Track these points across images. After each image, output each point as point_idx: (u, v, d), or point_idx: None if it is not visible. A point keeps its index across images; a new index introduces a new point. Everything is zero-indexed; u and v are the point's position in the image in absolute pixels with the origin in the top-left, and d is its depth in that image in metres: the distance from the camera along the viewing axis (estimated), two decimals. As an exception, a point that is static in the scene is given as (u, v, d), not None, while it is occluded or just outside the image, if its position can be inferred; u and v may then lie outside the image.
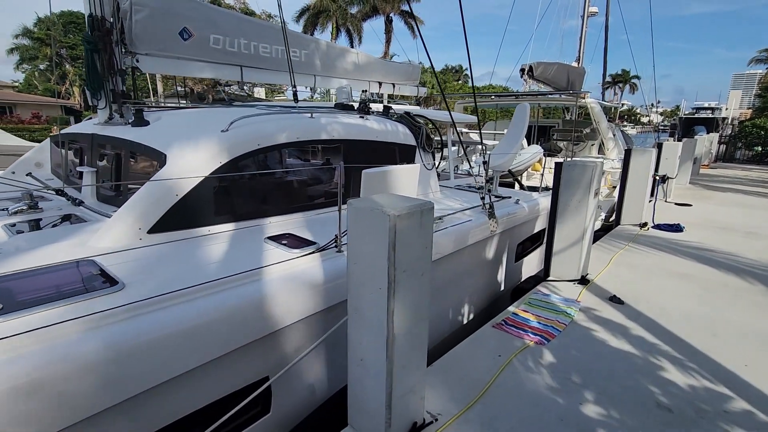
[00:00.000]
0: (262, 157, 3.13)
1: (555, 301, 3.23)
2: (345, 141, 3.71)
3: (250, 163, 3.06)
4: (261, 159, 3.14)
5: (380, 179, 2.67)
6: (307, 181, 3.41)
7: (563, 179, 3.56)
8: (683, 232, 5.40)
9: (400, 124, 4.27)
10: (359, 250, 1.64)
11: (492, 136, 11.56)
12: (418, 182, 4.32)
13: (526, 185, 9.01)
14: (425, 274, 1.70)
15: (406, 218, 1.53)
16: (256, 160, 3.10)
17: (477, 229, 3.70)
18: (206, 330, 1.87)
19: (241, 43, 4.68)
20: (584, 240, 3.53)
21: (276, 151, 3.22)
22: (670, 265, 4.16)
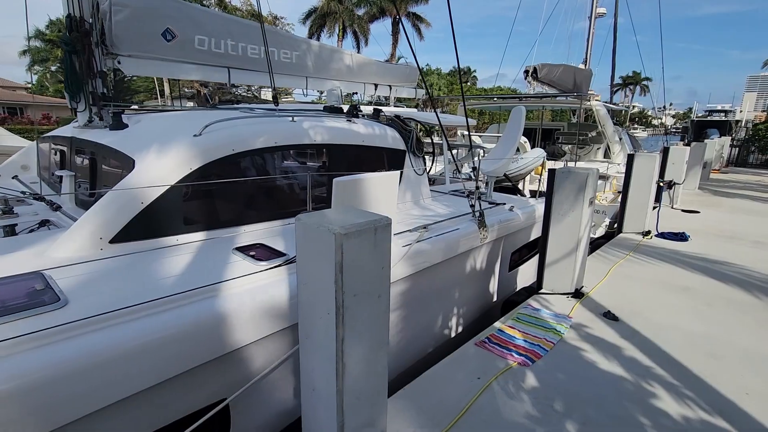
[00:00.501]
0: (236, 162, 3.00)
1: (545, 317, 3.04)
2: (329, 146, 3.57)
3: (223, 169, 2.93)
4: (236, 165, 3.01)
5: (353, 188, 2.52)
6: (284, 188, 3.27)
7: (557, 187, 3.37)
8: (688, 241, 5.16)
9: (390, 128, 4.12)
10: (307, 271, 1.49)
11: (495, 139, 11.35)
12: (408, 188, 4.19)
13: (529, 190, 8.80)
14: (383, 297, 1.55)
15: (356, 237, 1.38)
16: (231, 165, 2.97)
17: (466, 237, 3.53)
18: (153, 350, 1.74)
19: (227, 44, 4.56)
20: (579, 251, 3.34)
21: (252, 157, 3.09)
22: (671, 278, 3.94)
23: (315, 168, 3.69)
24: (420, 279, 3.15)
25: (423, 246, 3.12)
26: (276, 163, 3.35)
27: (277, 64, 5.09)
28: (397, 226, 3.39)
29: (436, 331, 3.51)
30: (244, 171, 3.11)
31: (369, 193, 2.63)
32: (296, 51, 5.24)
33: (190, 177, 2.71)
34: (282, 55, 5.12)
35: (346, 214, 1.50)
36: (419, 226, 3.29)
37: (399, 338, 3.10)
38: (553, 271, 3.50)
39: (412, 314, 3.16)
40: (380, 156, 4.00)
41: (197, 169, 2.74)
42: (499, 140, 4.96)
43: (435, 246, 3.20)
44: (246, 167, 3.11)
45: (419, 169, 4.25)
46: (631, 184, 5.37)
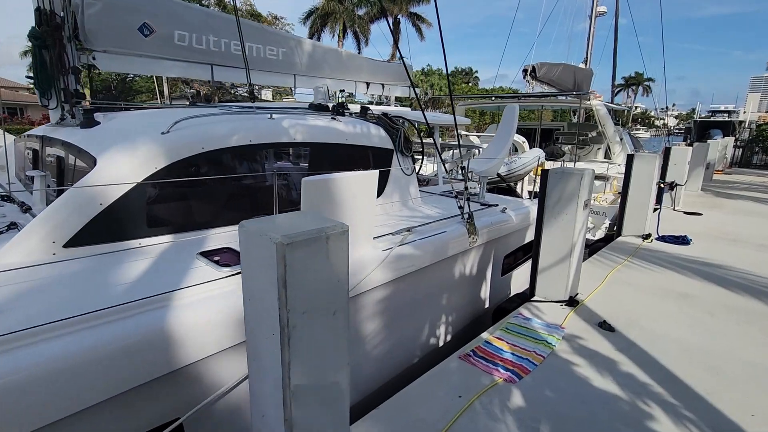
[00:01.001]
0: (207, 161, 2.83)
1: (536, 327, 2.85)
2: (310, 144, 3.39)
3: (192, 169, 2.76)
4: (206, 164, 2.84)
5: (325, 189, 2.34)
6: (258, 189, 3.09)
7: (549, 188, 3.19)
8: (690, 244, 4.96)
9: (377, 126, 3.94)
10: (251, 285, 1.32)
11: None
12: (395, 189, 4.00)
13: (527, 191, 8.61)
14: (339, 313, 1.36)
15: (303, 246, 1.20)
16: (200, 165, 2.80)
17: (453, 241, 3.35)
18: (93, 367, 1.57)
19: (209, 40, 4.39)
20: (573, 257, 3.16)
21: (224, 156, 2.91)
22: (671, 284, 3.74)
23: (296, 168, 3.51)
24: (403, 285, 2.97)
25: (406, 250, 2.94)
26: (252, 162, 3.17)
27: (263, 61, 4.93)
28: (380, 228, 3.21)
29: (422, 341, 3.33)
30: (215, 171, 2.94)
31: (344, 194, 2.45)
32: (283, 48, 5.07)
33: (155, 177, 2.54)
34: (268, 51, 4.95)
35: (297, 219, 1.32)
36: (403, 228, 3.11)
37: (380, 349, 2.92)
38: (547, 278, 3.31)
39: (394, 322, 2.98)
40: (365, 155, 3.83)
41: (163, 168, 2.58)
42: (492, 140, 4.77)
43: (419, 250, 3.02)
44: (217, 167, 2.94)
45: (407, 169, 4.07)
46: (631, 185, 5.18)
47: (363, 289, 2.64)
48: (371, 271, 2.57)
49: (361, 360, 2.81)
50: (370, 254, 2.70)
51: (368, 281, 2.64)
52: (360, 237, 2.66)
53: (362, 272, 2.56)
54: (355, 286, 2.48)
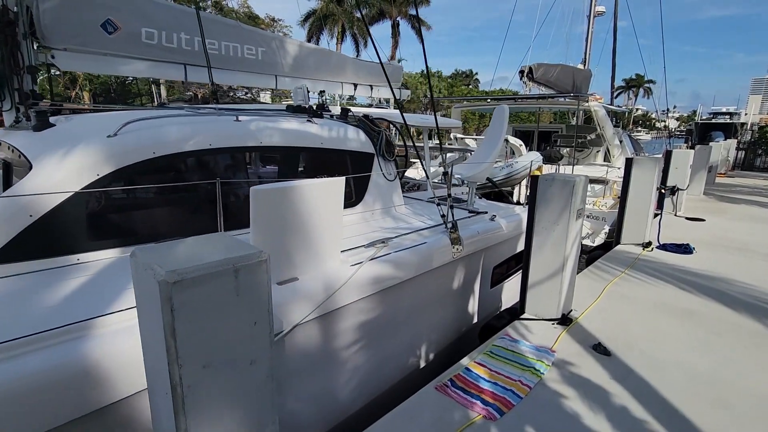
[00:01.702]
0: (159, 168, 2.56)
1: (524, 351, 2.58)
2: (280, 148, 3.13)
3: (141, 176, 2.50)
4: (158, 171, 2.57)
5: (278, 200, 2.07)
6: (213, 197, 2.83)
7: (539, 196, 2.92)
8: (693, 254, 4.68)
9: (357, 129, 3.68)
10: (144, 331, 1.05)
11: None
12: (376, 196, 3.74)
13: (526, 196, 8.25)
14: (259, 363, 1.10)
15: (198, 284, 0.93)
16: (151, 171, 2.54)
17: (435, 252, 3.09)
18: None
19: (181, 38, 4.14)
20: (566, 271, 2.88)
21: (179, 161, 2.65)
22: (673, 299, 3.46)
23: (272, 174, 3.24)
24: (378, 301, 2.70)
25: (379, 264, 2.68)
26: (213, 169, 2.91)
27: (240, 61, 4.69)
28: (355, 239, 2.95)
29: (400, 363, 3.05)
30: (168, 178, 2.68)
31: (303, 205, 2.18)
32: (262, 47, 4.82)
33: (97, 184, 2.28)
34: (246, 51, 4.70)
35: (201, 246, 1.06)
36: (377, 240, 2.85)
37: (352, 372, 2.65)
38: (537, 294, 3.04)
39: (368, 343, 2.70)
40: (343, 160, 3.57)
41: (107, 175, 2.32)
42: (482, 143, 4.51)
43: (394, 264, 2.76)
44: (172, 174, 2.68)
45: (390, 174, 3.80)
46: (630, 190, 4.90)
47: (330, 308, 2.38)
48: (334, 291, 2.30)
49: (331, 385, 2.54)
50: (337, 270, 2.43)
51: (336, 299, 2.37)
52: (325, 251, 2.40)
53: (327, 290, 2.30)
54: (316, 308, 2.21)
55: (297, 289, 2.19)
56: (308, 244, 2.28)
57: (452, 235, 3.22)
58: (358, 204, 3.56)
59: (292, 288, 2.17)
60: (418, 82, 41.22)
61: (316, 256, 2.34)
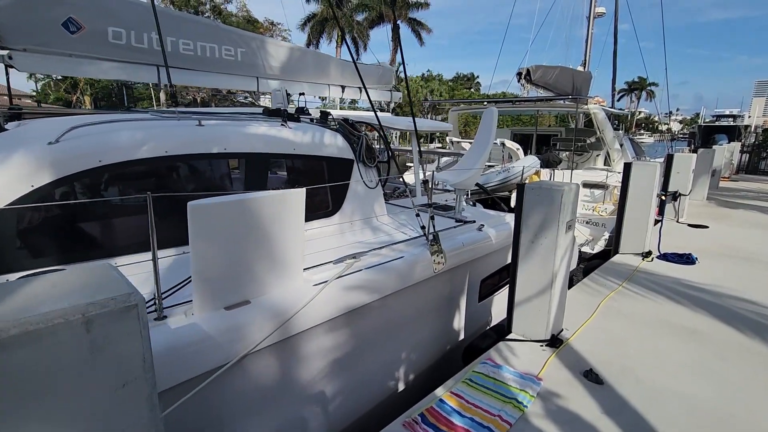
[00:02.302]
0: (105, 178, 2.34)
1: (506, 379, 2.33)
2: (246, 155, 2.90)
3: (86, 187, 2.27)
4: (104, 181, 2.35)
5: (220, 216, 1.84)
6: (172, 210, 2.60)
7: (526, 208, 2.67)
8: (696, 264, 4.41)
9: (334, 134, 3.46)
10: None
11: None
12: (355, 205, 3.50)
13: None
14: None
15: (24, 344, 0.69)
16: (97, 182, 2.31)
17: (413, 267, 2.85)
18: None
19: (152, 38, 3.93)
20: (554, 289, 2.63)
21: (130, 170, 2.42)
22: (674, 316, 3.20)
23: (240, 182, 3.01)
24: (345, 324, 2.46)
25: (348, 282, 2.44)
26: (169, 178, 2.69)
27: (218, 62, 4.48)
28: (326, 253, 2.71)
29: (373, 390, 2.80)
30: (119, 189, 2.45)
31: (253, 220, 1.95)
32: (242, 48, 4.61)
33: (32, 196, 2.06)
34: (224, 52, 4.49)
35: (54, 286, 0.82)
36: (347, 255, 2.61)
37: (313, 406, 2.40)
38: (525, 312, 2.78)
39: (334, 372, 2.46)
40: (318, 167, 3.34)
41: (45, 185, 2.09)
42: (470, 147, 4.27)
43: (366, 281, 2.52)
44: (121, 183, 2.45)
45: (371, 182, 3.57)
46: (629, 197, 4.65)
47: (289, 333, 2.14)
48: (290, 317, 2.06)
49: (291, 419, 2.29)
50: (297, 291, 2.20)
51: (296, 324, 2.13)
52: (283, 270, 2.16)
53: (283, 314, 2.06)
54: (266, 337, 1.97)
55: (246, 315, 1.95)
56: (262, 263, 2.04)
57: (433, 248, 2.98)
58: (335, 214, 3.33)
59: (240, 313, 1.94)
60: (419, 86, 41.12)
61: (272, 276, 2.10)
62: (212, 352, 1.81)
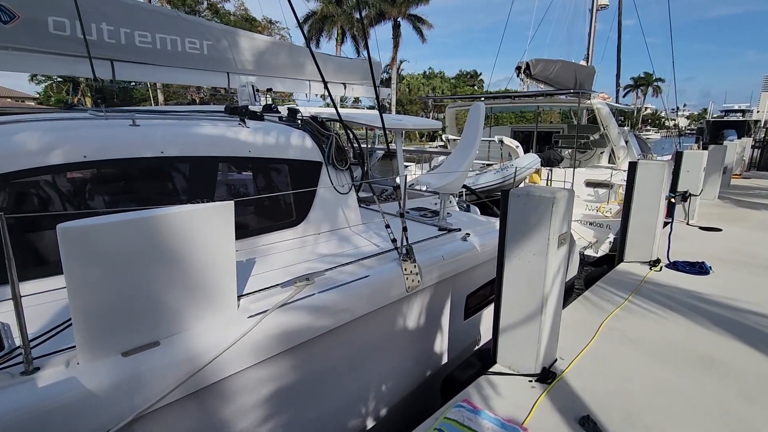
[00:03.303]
0: (9, 188, 1.97)
1: (485, 429, 1.92)
2: (191, 159, 2.51)
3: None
4: (9, 192, 1.98)
5: (106, 241, 1.44)
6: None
7: (512, 218, 2.26)
8: (710, 274, 3.97)
9: (301, 134, 3.07)
10: None
11: (487, 144, 10.22)
12: (323, 214, 3.11)
13: None
14: None
15: None
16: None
17: (382, 286, 2.46)
18: None
19: (102, 29, 3.57)
20: (545, 314, 2.22)
21: (39, 179, 2.05)
22: (688, 340, 2.77)
23: (187, 193, 2.61)
24: (297, 358, 2.08)
25: (299, 309, 2.05)
26: (90, 187, 2.31)
27: (181, 57, 4.10)
28: (274, 274, 2.32)
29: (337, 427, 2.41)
30: (25, 201, 2.08)
31: (164, 242, 1.56)
32: (208, 40, 4.23)
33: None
34: (188, 45, 4.11)
35: None
36: (299, 277, 2.22)
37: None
38: (511, 341, 2.38)
39: (283, 416, 2.07)
40: (279, 171, 2.96)
41: None
42: (456, 146, 3.86)
43: (318, 309, 2.12)
44: (30, 194, 2.08)
45: (342, 187, 3.18)
46: (634, 199, 4.21)
47: (219, 375, 1.76)
48: (211, 360, 1.67)
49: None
50: (226, 325, 1.81)
51: (223, 367, 1.75)
52: (206, 301, 1.77)
53: (202, 356, 1.67)
54: (173, 388, 1.58)
55: (152, 360, 1.56)
56: (176, 294, 1.65)
57: (405, 264, 2.59)
58: (300, 224, 2.94)
59: (143, 359, 1.55)
60: (420, 84, 40.65)
61: (192, 309, 1.72)
62: (99, 412, 1.42)
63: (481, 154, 10.77)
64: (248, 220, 2.77)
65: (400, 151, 4.75)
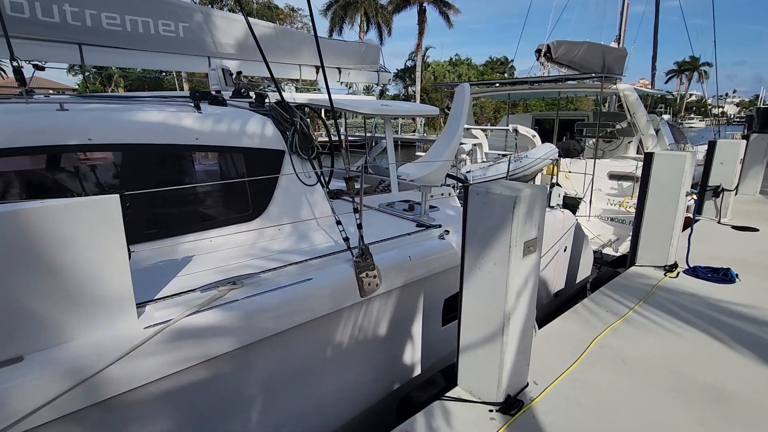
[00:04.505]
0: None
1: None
2: (125, 147, 2.28)
3: None
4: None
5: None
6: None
7: (470, 220, 1.91)
8: (735, 283, 3.45)
9: (263, 120, 2.80)
10: None
11: (504, 134, 9.65)
12: (284, 207, 2.84)
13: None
14: None
15: None
16: None
17: (325, 292, 2.18)
18: None
19: (66, 10, 3.40)
20: (508, 334, 1.86)
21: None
22: (696, 366, 2.33)
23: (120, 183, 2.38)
24: (212, 373, 1.83)
25: (214, 318, 1.80)
26: (12, 177, 2.12)
27: (155, 40, 3.90)
28: (198, 277, 2.07)
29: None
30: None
31: (28, 243, 1.34)
32: (184, 22, 4.01)
33: None
34: (161, 27, 3.90)
35: None
36: (224, 280, 1.96)
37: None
38: (471, 363, 2.04)
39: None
40: (232, 160, 2.70)
41: None
42: (440, 134, 3.47)
43: (242, 316, 1.87)
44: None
45: (307, 177, 2.90)
46: (649, 195, 3.71)
47: (110, 393, 1.53)
48: (90, 376, 1.44)
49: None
50: (117, 336, 1.57)
51: (120, 378, 1.52)
52: (91, 308, 1.54)
53: (84, 371, 1.44)
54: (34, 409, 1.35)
55: (10, 378, 1.35)
56: (46, 303, 1.43)
57: (360, 265, 2.28)
58: (257, 218, 2.68)
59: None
60: (446, 71, 39.60)
61: (71, 320, 1.48)
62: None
63: (498, 144, 10.21)
64: (193, 213, 2.54)
65: (389, 139, 4.40)
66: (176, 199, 2.45)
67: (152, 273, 2.06)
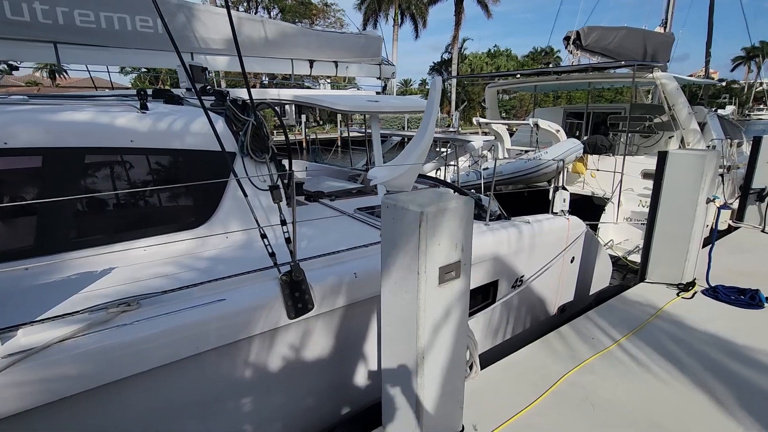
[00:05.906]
0: None
1: None
2: (44, 151, 2.17)
3: None
4: None
5: None
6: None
7: (386, 237, 1.61)
8: (764, 308, 2.89)
9: (217, 119, 2.62)
10: None
11: (529, 131, 9.02)
12: (231, 214, 2.67)
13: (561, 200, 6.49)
14: None
15: None
16: None
17: (241, 313, 1.96)
18: None
19: (36, 9, 3.38)
20: (421, 376, 1.56)
21: None
22: (684, 418, 1.90)
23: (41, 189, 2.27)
24: (95, 404, 1.67)
25: (103, 343, 1.63)
26: None
27: (134, 37, 3.84)
28: (103, 294, 1.90)
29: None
30: None
31: None
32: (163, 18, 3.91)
33: None
34: (138, 23, 3.83)
35: None
36: (117, 301, 1.78)
37: None
38: (392, 400, 1.73)
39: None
40: (176, 163, 2.54)
41: None
42: (415, 134, 3.13)
43: (135, 342, 1.69)
44: None
45: (259, 181, 2.69)
46: (662, 202, 3.19)
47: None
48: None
49: None
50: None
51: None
52: None
53: None
54: None
55: None
56: None
57: (286, 285, 2.05)
58: (202, 225, 2.52)
59: None
60: (484, 63, 38.33)
61: None
62: None
63: (523, 140, 9.56)
64: (124, 221, 2.40)
65: (376, 137, 4.11)
66: (104, 206, 2.32)
67: (57, 288, 1.93)
